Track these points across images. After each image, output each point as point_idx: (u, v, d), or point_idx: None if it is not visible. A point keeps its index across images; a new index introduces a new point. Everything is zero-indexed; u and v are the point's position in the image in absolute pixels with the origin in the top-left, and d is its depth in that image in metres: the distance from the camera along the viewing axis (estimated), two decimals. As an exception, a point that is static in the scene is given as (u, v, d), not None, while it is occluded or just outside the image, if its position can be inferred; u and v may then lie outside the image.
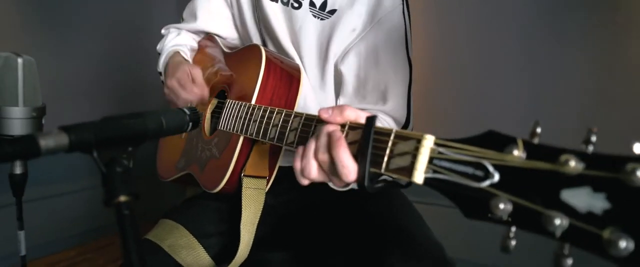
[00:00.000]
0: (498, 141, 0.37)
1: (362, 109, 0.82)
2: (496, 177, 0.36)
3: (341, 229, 0.80)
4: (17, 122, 0.66)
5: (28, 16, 1.76)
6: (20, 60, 0.64)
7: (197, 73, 0.89)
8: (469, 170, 0.37)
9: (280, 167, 0.81)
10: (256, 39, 0.96)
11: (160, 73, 1.04)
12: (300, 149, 0.53)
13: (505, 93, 1.63)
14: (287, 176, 0.85)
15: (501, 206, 0.34)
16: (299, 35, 0.86)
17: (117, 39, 2.09)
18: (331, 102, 0.86)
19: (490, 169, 0.36)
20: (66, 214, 1.91)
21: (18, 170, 0.69)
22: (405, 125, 0.82)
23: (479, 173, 0.37)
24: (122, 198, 0.42)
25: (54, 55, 1.82)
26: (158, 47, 1.08)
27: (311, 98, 0.88)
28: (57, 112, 1.78)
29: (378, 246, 0.71)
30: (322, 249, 0.82)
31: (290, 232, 0.90)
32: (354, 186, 0.58)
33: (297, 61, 0.87)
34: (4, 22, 1.69)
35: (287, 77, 0.81)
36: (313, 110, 0.89)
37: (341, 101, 0.85)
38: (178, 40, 1.04)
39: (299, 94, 0.81)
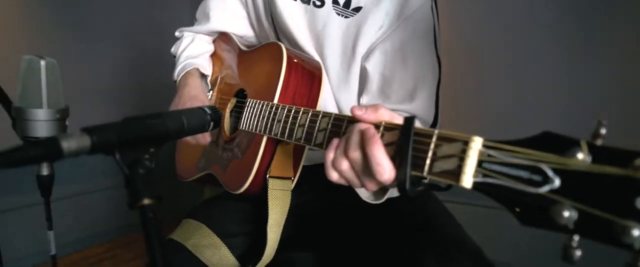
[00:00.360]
0: (557, 143, 0.34)
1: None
2: (557, 182, 0.33)
3: (369, 230, 0.78)
4: (42, 124, 0.65)
5: (48, 18, 1.78)
6: (42, 63, 0.63)
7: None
8: (525, 174, 0.35)
9: (304, 166, 0.79)
10: (272, 38, 0.93)
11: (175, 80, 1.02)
12: (336, 141, 0.51)
13: (529, 93, 1.56)
14: (311, 174, 0.84)
15: (565, 213, 0.31)
16: (323, 35, 0.83)
17: (136, 40, 2.10)
18: (353, 102, 0.84)
19: (550, 173, 0.34)
20: (94, 211, 1.96)
21: (45, 171, 0.68)
22: (433, 126, 0.79)
23: (536, 178, 0.34)
24: (146, 201, 0.41)
25: (75, 57, 1.84)
26: (172, 50, 1.06)
27: (329, 98, 0.85)
28: (79, 114, 1.81)
29: (411, 246, 0.69)
30: (349, 250, 0.80)
31: (315, 232, 0.88)
32: (392, 193, 0.55)
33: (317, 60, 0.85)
34: (26, 25, 1.70)
35: (308, 76, 0.79)
36: (332, 110, 0.87)
37: (364, 100, 0.83)
38: (193, 50, 1.01)
39: (321, 93, 0.79)
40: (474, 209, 1.48)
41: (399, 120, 0.49)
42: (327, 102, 0.85)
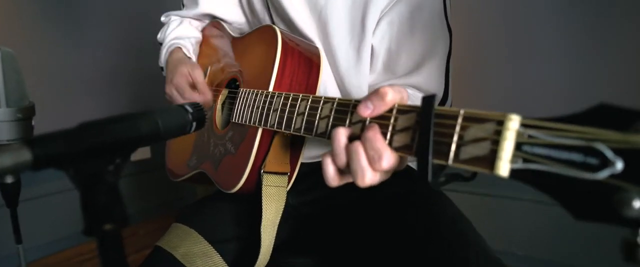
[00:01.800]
0: (615, 118, 0.28)
1: (391, 85, 0.72)
2: (619, 165, 0.27)
3: (373, 234, 0.71)
4: (2, 125, 0.57)
5: (37, 6, 1.67)
6: (-3, 54, 0.55)
7: (198, 75, 0.81)
8: (577, 157, 0.29)
9: (302, 163, 0.73)
10: (267, 23, 0.87)
11: (162, 68, 0.96)
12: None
13: (530, 88, 1.48)
14: (310, 172, 0.77)
15: (636, 204, 0.25)
16: (325, 13, 0.75)
17: (133, 26, 2.00)
18: (366, 87, 0.76)
19: (609, 154, 0.27)
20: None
21: (8, 179, 0.60)
22: (443, 102, 0.72)
23: (592, 161, 0.28)
24: (107, 227, 0.34)
25: (63, 46, 1.74)
26: (159, 36, 1.00)
27: (331, 84, 0.79)
28: (67, 109, 1.73)
29: (421, 257, 0.62)
30: (351, 256, 0.73)
31: (315, 236, 0.81)
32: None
33: (318, 44, 0.78)
34: (13, 13, 1.60)
35: (306, 62, 0.72)
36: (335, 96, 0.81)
37: (369, 80, 0.75)
38: (180, 32, 0.95)
39: (319, 79, 0.73)
40: (471, 198, 1.44)
41: (410, 99, 0.43)
42: (327, 86, 0.78)
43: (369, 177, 0.42)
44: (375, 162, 0.41)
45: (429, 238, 0.64)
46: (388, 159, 0.40)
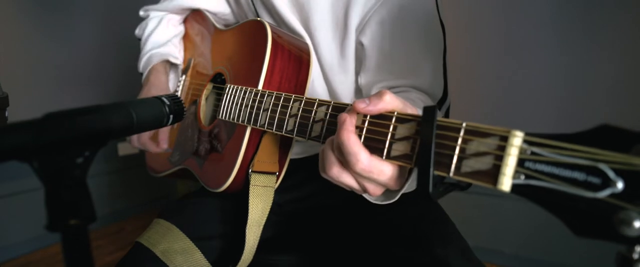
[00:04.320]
0: (618, 139, 0.29)
1: (391, 87, 0.71)
2: (619, 185, 0.28)
3: (359, 235, 0.71)
4: (-29, 117, 0.53)
5: None
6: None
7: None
8: (579, 175, 0.29)
9: (290, 160, 0.72)
10: (251, 12, 0.84)
11: (141, 73, 0.91)
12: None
13: (523, 87, 1.47)
14: (296, 170, 0.76)
15: (637, 223, 0.26)
16: (307, 7, 0.73)
17: (115, 22, 1.92)
18: (350, 84, 0.75)
19: (611, 174, 0.28)
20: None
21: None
22: (442, 101, 0.71)
23: (594, 180, 0.29)
24: (72, 222, 0.32)
25: (54, 39, 1.66)
26: (137, 32, 0.95)
27: (318, 80, 0.77)
28: (52, 101, 1.64)
29: (404, 259, 0.63)
30: (336, 255, 0.73)
31: (299, 234, 0.81)
32: (409, 187, 0.49)
33: (306, 39, 0.76)
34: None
35: (295, 59, 0.70)
36: (322, 96, 0.80)
37: (362, 80, 0.73)
38: (160, 36, 0.91)
39: (309, 78, 0.72)
40: (458, 196, 1.45)
41: (411, 109, 0.43)
42: (315, 85, 0.76)
43: (329, 160, 0.43)
44: (337, 147, 0.42)
45: (411, 238, 0.65)
46: (351, 144, 0.41)
